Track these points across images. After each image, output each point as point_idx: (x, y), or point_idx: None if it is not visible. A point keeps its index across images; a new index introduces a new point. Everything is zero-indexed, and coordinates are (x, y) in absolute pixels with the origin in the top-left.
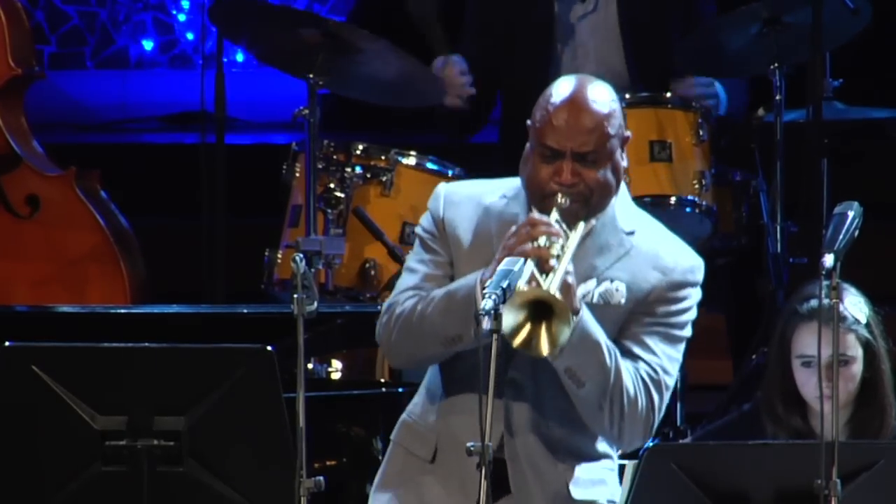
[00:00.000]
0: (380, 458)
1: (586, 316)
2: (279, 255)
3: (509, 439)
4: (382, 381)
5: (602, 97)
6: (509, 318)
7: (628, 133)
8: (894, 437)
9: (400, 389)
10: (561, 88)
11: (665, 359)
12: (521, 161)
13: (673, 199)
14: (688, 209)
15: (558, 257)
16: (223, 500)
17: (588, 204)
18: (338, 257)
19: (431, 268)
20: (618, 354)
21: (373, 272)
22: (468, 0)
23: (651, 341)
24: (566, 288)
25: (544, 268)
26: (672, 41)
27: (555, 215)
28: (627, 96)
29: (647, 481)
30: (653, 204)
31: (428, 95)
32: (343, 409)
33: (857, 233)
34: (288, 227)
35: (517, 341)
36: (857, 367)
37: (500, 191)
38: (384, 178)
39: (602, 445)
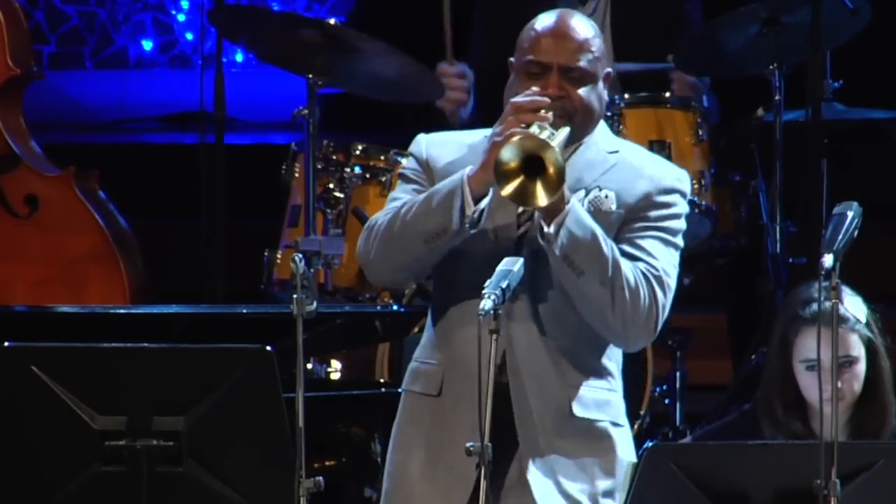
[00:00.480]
0: (378, 459)
1: (578, 206)
2: (278, 255)
3: (511, 353)
4: (382, 381)
5: (586, 23)
6: (506, 154)
7: (610, 70)
8: (893, 436)
9: (399, 390)
10: (546, 16)
11: (664, 261)
12: (504, 92)
13: None
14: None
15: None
16: (222, 500)
17: (571, 122)
18: (337, 257)
19: (414, 195)
20: (615, 247)
21: None
22: (476, 6)
23: (647, 244)
24: None
25: None
26: (659, 47)
27: (547, 104)
28: (626, 96)
29: (647, 481)
30: None
31: (427, 93)
32: (342, 410)
33: (856, 233)
34: (287, 227)
35: (508, 189)
36: (862, 367)
37: (482, 133)
38: (383, 179)
39: (606, 362)
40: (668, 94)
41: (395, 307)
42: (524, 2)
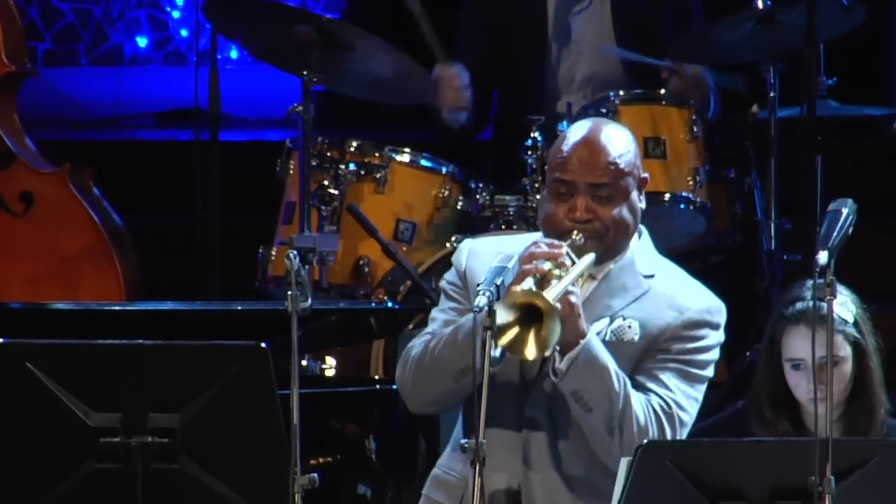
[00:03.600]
0: (373, 456)
1: (594, 340)
2: (273, 252)
3: (526, 477)
4: (376, 378)
5: (618, 136)
6: (500, 315)
7: (646, 175)
8: (885, 434)
9: (393, 387)
10: (577, 129)
11: (679, 394)
12: (538, 206)
13: (667, 196)
14: (682, 206)
15: (559, 277)
16: (217, 496)
17: (603, 241)
18: (332, 254)
19: (451, 315)
20: (628, 383)
21: (367, 269)
22: (462, 5)
23: (664, 377)
24: (568, 305)
25: (543, 286)
26: (663, 37)
27: (564, 250)
28: (621, 93)
29: (642, 478)
30: (647, 201)
31: (422, 93)
32: (337, 407)
33: (851, 230)
34: (282, 224)
35: (503, 340)
36: (847, 367)
37: (522, 242)
38: (378, 175)
39: None
40: (663, 91)
41: (389, 304)
42: (512, 0)
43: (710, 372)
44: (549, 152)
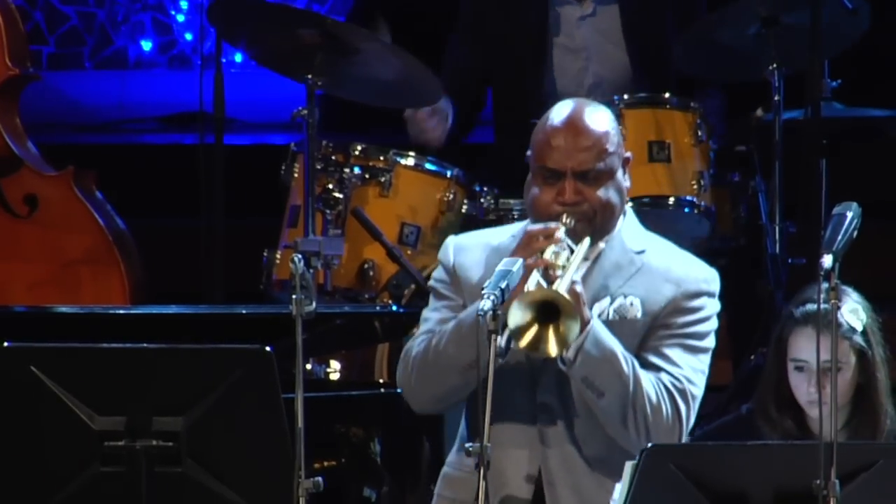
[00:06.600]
0: (377, 459)
1: (598, 326)
2: (278, 256)
3: (546, 467)
4: (381, 381)
5: (599, 118)
6: (516, 317)
7: (629, 154)
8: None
9: (398, 390)
10: (558, 112)
11: (688, 369)
12: (524, 190)
13: (671, 200)
14: (686, 210)
15: (564, 267)
16: (222, 500)
17: (592, 223)
18: (336, 258)
19: (445, 312)
20: (636, 364)
21: (371, 273)
22: (462, 4)
23: (672, 353)
24: (574, 295)
25: (549, 277)
26: (668, 36)
27: (562, 231)
28: (626, 97)
29: (646, 481)
30: (651, 205)
31: (427, 96)
32: (341, 410)
33: (855, 233)
34: (286, 227)
35: (523, 342)
36: (849, 375)
37: (508, 232)
38: (383, 179)
39: None
40: (667, 95)
41: (394, 307)
42: (514, 3)
43: (711, 342)
44: (532, 136)
